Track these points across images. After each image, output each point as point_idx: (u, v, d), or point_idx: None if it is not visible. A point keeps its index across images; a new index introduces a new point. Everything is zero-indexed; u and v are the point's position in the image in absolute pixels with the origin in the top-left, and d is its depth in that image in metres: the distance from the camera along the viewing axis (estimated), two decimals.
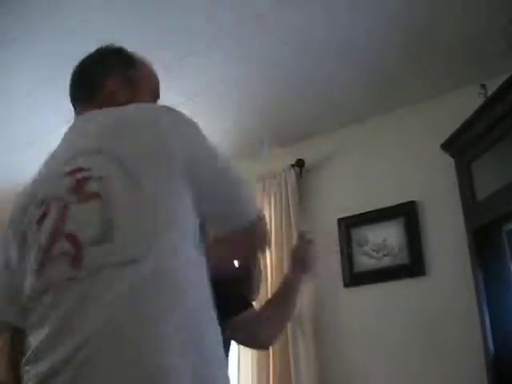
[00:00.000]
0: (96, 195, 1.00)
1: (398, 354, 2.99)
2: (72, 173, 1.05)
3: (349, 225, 3.35)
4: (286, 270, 2.05)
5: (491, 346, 2.44)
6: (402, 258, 3.12)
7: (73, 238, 0.98)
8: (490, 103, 2.43)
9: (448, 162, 2.83)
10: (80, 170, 1.04)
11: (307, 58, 2.80)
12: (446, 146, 2.81)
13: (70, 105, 1.35)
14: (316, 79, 3.01)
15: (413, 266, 3.07)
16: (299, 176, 3.55)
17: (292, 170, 3.53)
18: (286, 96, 3.17)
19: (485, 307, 2.50)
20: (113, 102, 1.27)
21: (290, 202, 3.47)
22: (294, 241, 2.22)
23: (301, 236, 2.07)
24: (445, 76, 2.96)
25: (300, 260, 1.92)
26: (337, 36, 2.64)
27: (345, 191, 3.41)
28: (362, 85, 3.08)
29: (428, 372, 2.85)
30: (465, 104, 2.64)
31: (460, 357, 2.75)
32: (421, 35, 2.63)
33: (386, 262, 3.18)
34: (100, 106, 1.23)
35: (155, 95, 1.43)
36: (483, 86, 2.58)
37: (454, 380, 2.74)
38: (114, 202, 0.99)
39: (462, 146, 2.69)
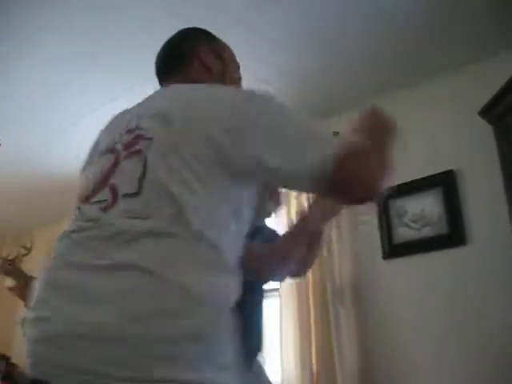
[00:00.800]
0: (139, 153, 1.07)
1: (438, 325, 2.98)
2: (132, 131, 1.13)
3: (387, 196, 3.32)
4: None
5: None
6: (442, 228, 3.09)
7: (114, 189, 1.06)
8: None
9: (486, 129, 2.77)
10: (139, 129, 1.12)
11: (340, 31, 2.79)
12: (484, 113, 2.75)
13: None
14: (349, 51, 3.00)
15: (453, 235, 3.04)
16: None
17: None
18: (320, 67, 3.15)
19: None
20: (206, 72, 1.35)
21: None
22: None
23: None
24: (480, 42, 2.90)
25: None
26: (366, 9, 2.62)
27: None
28: (396, 55, 3.05)
29: (470, 343, 2.84)
30: (502, 70, 2.58)
31: (504, 327, 2.72)
32: (453, 2, 2.57)
33: (426, 232, 3.15)
34: (191, 79, 1.29)
35: (238, 65, 1.48)
36: None
37: (498, 350, 2.73)
38: (152, 162, 1.05)
39: (500, 113, 2.63)
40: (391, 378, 3.08)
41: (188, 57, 1.36)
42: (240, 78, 1.49)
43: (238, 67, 1.49)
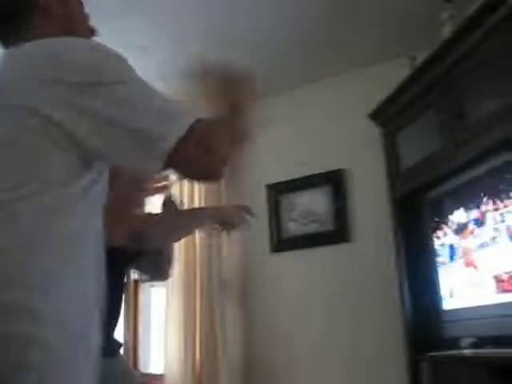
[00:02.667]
0: None
1: (322, 318, 3.08)
2: None
3: (277, 191, 3.39)
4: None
5: (408, 310, 2.55)
6: (328, 225, 3.19)
7: None
8: (416, 75, 2.49)
9: (376, 131, 2.89)
10: None
11: (238, 24, 2.78)
12: (374, 116, 2.86)
13: None
14: (247, 45, 2.99)
15: (338, 232, 3.15)
16: None
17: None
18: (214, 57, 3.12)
19: (404, 273, 2.61)
20: (49, 21, 1.16)
21: None
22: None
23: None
24: (376, 47, 3.01)
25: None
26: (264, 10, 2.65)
27: (274, 158, 3.42)
28: (292, 54, 3.09)
29: (351, 335, 2.97)
30: (394, 75, 2.68)
31: (381, 320, 2.87)
32: (350, 6, 2.66)
33: (313, 228, 3.24)
34: (33, 34, 1.10)
35: (86, 16, 1.29)
36: (412, 58, 2.63)
37: (375, 341, 2.88)
38: None
39: (389, 116, 2.75)
40: (273, 370, 3.13)
41: (25, 5, 1.15)
42: (92, 28, 1.29)
43: (82, 5, 1.28)
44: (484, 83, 2.07)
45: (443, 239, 2.46)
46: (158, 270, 1.94)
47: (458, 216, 2.35)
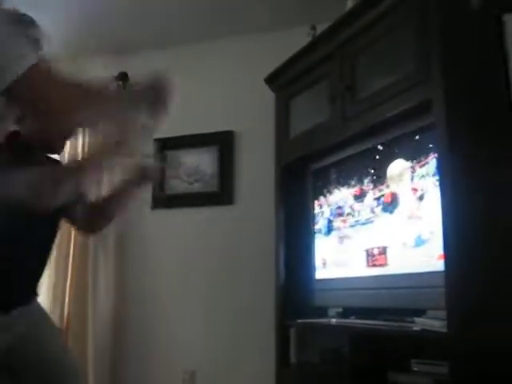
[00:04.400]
0: None
1: (198, 277, 3.07)
2: None
3: (165, 147, 3.28)
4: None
5: (281, 276, 2.59)
6: (213, 186, 3.16)
7: None
8: (314, 44, 2.47)
9: (270, 97, 2.85)
10: None
11: None
12: (269, 80, 2.82)
13: None
14: None
15: (222, 194, 3.12)
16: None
17: (114, 83, 3.32)
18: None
19: (281, 239, 2.63)
20: None
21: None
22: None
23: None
24: (278, 13, 2.96)
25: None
26: None
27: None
28: (196, 8, 2.97)
29: (226, 296, 2.99)
30: (295, 43, 2.64)
31: (256, 284, 2.91)
32: None
33: (197, 187, 3.19)
34: None
35: None
36: (313, 28, 2.60)
37: (248, 304, 2.92)
38: None
39: (284, 83, 2.72)
40: (142, 324, 3.12)
41: None
42: None
43: None
44: (376, 60, 2.10)
45: (323, 211, 2.51)
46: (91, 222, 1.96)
47: (339, 189, 2.39)
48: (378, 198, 2.13)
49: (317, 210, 2.55)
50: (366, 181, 2.22)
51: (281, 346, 2.52)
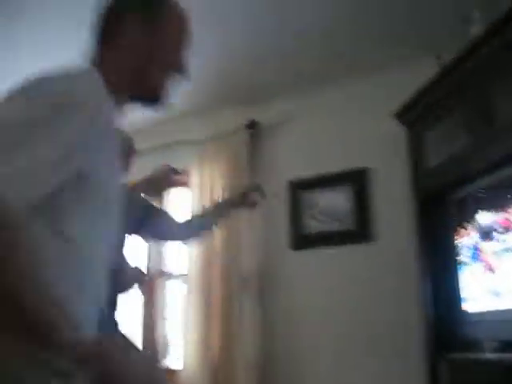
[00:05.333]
0: None
1: (342, 317, 3.08)
2: None
3: (299, 188, 3.37)
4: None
5: (430, 312, 2.53)
6: (350, 224, 3.18)
7: None
8: (443, 74, 2.46)
9: (400, 130, 2.87)
10: None
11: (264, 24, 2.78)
12: (400, 115, 2.84)
13: None
14: (272, 44, 3.01)
15: (360, 231, 3.14)
16: (251, 137, 3.53)
17: (244, 131, 3.51)
18: (241, 58, 3.15)
19: (426, 274, 2.58)
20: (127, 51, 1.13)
21: (241, 164, 3.47)
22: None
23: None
24: (399, 46, 2.98)
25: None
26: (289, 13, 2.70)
27: (297, 155, 3.42)
28: (317, 52, 3.09)
29: (371, 335, 2.96)
30: (420, 75, 2.66)
31: (401, 320, 2.86)
32: (375, 6, 2.67)
33: (334, 226, 3.23)
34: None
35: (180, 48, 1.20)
36: (438, 57, 2.60)
37: (395, 343, 2.87)
38: None
39: (415, 116, 2.73)
40: (289, 367, 3.15)
41: (110, 30, 1.14)
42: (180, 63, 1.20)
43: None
44: (511, 84, 2.05)
45: (466, 241, 2.44)
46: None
47: (483, 218, 2.32)
48: None
49: (459, 240, 2.49)
50: (510, 209, 2.14)
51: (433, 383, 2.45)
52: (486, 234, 2.29)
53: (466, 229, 2.44)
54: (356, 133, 3.26)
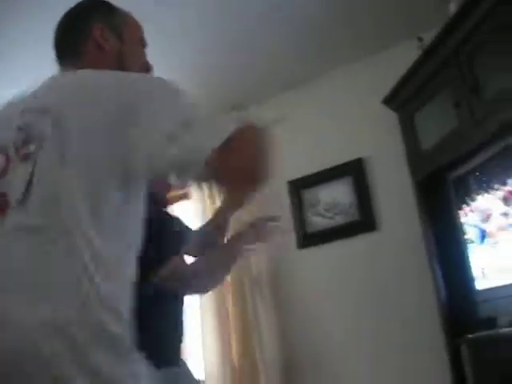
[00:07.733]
0: (30, 157, 0.97)
1: (353, 309, 3.06)
2: (22, 129, 1.01)
3: (299, 187, 3.37)
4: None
5: (443, 296, 2.51)
6: (354, 215, 3.16)
7: (4, 197, 0.97)
8: (426, 55, 2.45)
9: (391, 116, 2.86)
10: (28, 126, 1.01)
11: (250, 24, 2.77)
12: (388, 101, 2.83)
13: None
14: (258, 46, 3.02)
15: (364, 221, 3.12)
16: None
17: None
18: (225, 61, 3.14)
19: (434, 257, 2.56)
20: (100, 55, 1.19)
21: None
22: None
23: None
24: (381, 32, 2.97)
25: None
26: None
27: (292, 154, 3.41)
28: (300, 49, 3.08)
29: (385, 324, 2.94)
30: (404, 58, 2.64)
31: (414, 305, 2.84)
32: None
33: (338, 220, 3.22)
34: (85, 64, 1.15)
35: (144, 45, 1.32)
36: (420, 39, 2.59)
37: (411, 328, 2.84)
38: (40, 166, 0.96)
39: (404, 100, 2.72)
40: (314, 364, 3.13)
41: (80, 36, 1.20)
42: (147, 64, 1.31)
43: (143, 46, 1.32)
44: (495, 56, 2.03)
45: (470, 219, 2.42)
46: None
47: (483, 195, 2.30)
48: None
49: (463, 219, 2.47)
50: (510, 181, 2.12)
51: (455, 367, 2.42)
52: (489, 212, 2.27)
53: (468, 207, 2.43)
54: (348, 124, 3.24)
